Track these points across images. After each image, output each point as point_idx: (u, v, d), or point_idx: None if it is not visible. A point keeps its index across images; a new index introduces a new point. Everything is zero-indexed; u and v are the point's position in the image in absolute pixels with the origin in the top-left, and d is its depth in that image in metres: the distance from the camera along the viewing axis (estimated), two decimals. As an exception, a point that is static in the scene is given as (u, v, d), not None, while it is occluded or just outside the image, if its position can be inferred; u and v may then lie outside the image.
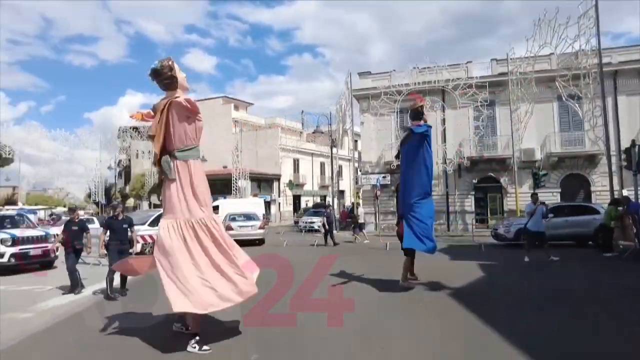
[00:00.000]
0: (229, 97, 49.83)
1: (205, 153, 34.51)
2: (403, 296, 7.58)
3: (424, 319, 6.12)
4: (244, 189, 36.50)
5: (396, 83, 23.78)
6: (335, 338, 5.24)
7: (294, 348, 4.92)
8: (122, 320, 6.12)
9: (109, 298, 7.80)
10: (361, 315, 6.31)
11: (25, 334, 5.78)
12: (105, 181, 41.23)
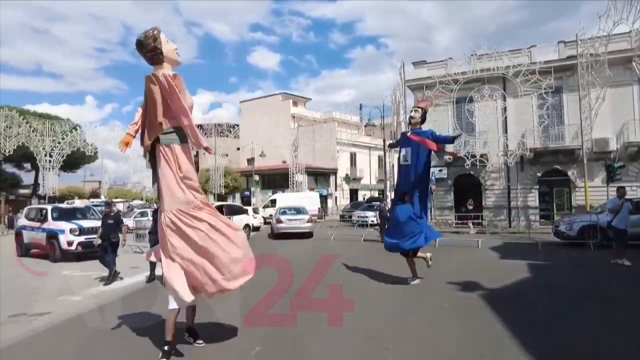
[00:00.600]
0: (287, 94, 50.72)
1: (264, 148, 35.61)
2: (429, 296, 7.31)
3: (442, 321, 5.84)
4: (300, 183, 37.09)
5: (453, 72, 22.71)
6: (341, 338, 5.19)
7: (301, 347, 4.94)
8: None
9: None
10: (375, 315, 6.19)
11: (60, 320, 6.39)
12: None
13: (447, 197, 23.77)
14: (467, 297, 7.01)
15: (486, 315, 5.92)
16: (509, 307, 6.35)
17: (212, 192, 38.23)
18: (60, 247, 12.01)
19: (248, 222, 18.40)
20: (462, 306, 6.50)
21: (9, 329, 5.83)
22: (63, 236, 12.05)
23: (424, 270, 8.76)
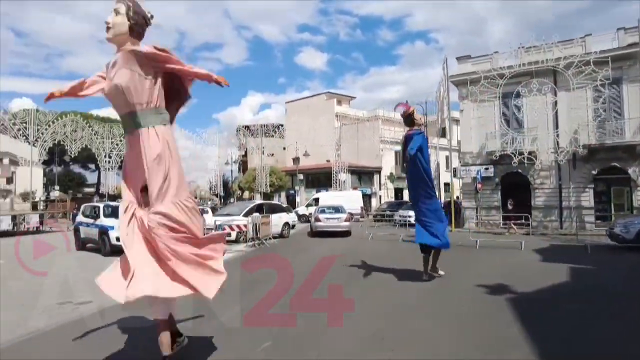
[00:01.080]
0: (332, 93, 50.93)
1: (308, 148, 36.02)
2: (453, 297, 7.15)
3: (459, 323, 5.69)
4: (343, 182, 37.16)
5: (498, 66, 21.81)
6: (348, 337, 5.23)
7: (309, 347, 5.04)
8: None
9: None
10: (390, 315, 6.17)
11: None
12: (223, 175, 45.61)
13: (493, 197, 22.85)
14: (492, 300, 6.78)
15: (506, 317, 5.71)
16: (533, 309, 6.08)
17: (259, 191, 39.27)
18: (109, 242, 12.93)
19: (287, 220, 18.72)
20: (485, 308, 6.31)
21: (56, 315, 6.42)
22: (112, 232, 12.95)
23: (457, 272, 8.57)
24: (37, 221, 23.05)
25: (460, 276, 8.85)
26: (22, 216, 22.31)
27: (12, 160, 35.00)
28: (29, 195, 33.39)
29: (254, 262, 11.65)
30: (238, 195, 49.26)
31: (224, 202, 43.41)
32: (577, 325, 5.37)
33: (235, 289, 7.39)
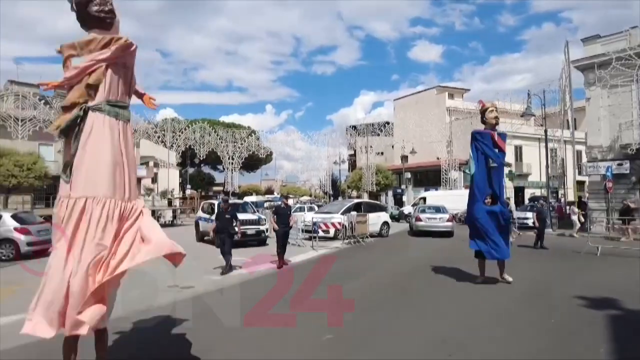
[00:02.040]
0: (442, 87, 48.78)
1: (417, 145, 35.15)
2: (544, 308, 6.52)
3: (538, 337, 5.21)
4: (454, 180, 35.42)
5: (637, 43, 18.68)
6: (410, 339, 5.19)
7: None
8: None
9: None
10: (461, 319, 5.90)
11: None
12: (332, 174, 47.03)
13: (630, 196, 19.61)
14: (587, 315, 6.02)
15: (592, 338, 5.05)
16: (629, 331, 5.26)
17: (365, 190, 39.62)
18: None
19: (386, 219, 18.68)
20: (574, 323, 5.65)
21: (164, 296, 7.54)
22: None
23: (558, 280, 7.76)
24: (171, 216, 26.66)
25: (560, 286, 7.98)
26: (159, 211, 26.06)
27: (155, 163, 40.90)
28: (167, 193, 38.77)
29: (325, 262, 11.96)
30: (348, 193, 50.36)
31: (332, 201, 44.77)
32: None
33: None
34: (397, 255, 12.87)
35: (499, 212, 8.18)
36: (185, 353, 4.71)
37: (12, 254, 11.84)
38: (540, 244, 14.17)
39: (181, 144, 37.53)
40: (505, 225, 8.27)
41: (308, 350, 4.76)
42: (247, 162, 46.24)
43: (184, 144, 37.67)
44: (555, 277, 9.05)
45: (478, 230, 8.28)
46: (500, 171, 8.47)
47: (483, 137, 8.42)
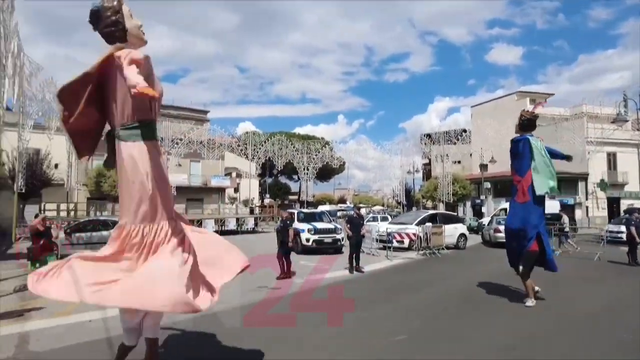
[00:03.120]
0: (523, 92, 46.34)
1: (496, 153, 33.91)
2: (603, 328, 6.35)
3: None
4: (537, 190, 33.42)
5: None
6: (481, 345, 5.45)
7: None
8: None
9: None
10: (532, 332, 5.99)
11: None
12: (405, 184, 46.65)
13: None
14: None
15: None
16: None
17: (441, 200, 38.80)
18: (301, 242, 15.39)
19: (463, 231, 18.41)
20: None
21: (253, 295, 8.43)
22: (303, 234, 15.40)
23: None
24: (252, 223, 28.48)
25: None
26: (242, 219, 28.00)
27: (238, 174, 43.75)
28: (248, 201, 41.21)
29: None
30: (423, 204, 49.48)
31: (406, 211, 44.35)
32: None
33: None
34: (472, 267, 12.79)
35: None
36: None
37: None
38: (634, 259, 13.17)
39: (261, 156, 39.85)
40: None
41: (380, 349, 5.24)
42: (321, 172, 47.64)
43: (264, 156, 39.95)
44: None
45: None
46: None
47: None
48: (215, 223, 25.47)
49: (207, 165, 38.12)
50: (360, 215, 12.48)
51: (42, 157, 24.83)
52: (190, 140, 34.90)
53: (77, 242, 13.87)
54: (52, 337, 5.68)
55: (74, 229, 14.45)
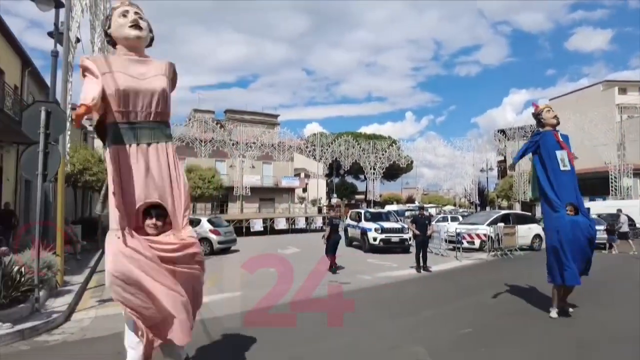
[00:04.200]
0: (610, 81, 42.55)
1: (577, 149, 31.76)
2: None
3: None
4: (628, 189, 30.69)
5: None
6: (546, 344, 5.53)
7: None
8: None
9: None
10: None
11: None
12: (479, 183, 45.00)
13: None
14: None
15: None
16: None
17: (517, 200, 37.00)
18: (368, 241, 15.80)
19: (538, 232, 17.60)
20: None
21: (325, 289, 9.03)
22: (370, 233, 15.80)
23: None
24: (321, 222, 29.26)
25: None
26: (311, 218, 28.95)
27: (306, 174, 45.06)
28: (316, 201, 42.30)
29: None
30: (498, 203, 47.35)
31: (480, 211, 42.79)
32: None
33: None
34: (544, 268, 12.34)
35: (584, 223, 6.61)
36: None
37: (208, 250, 15.07)
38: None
39: (328, 157, 40.74)
40: (589, 240, 6.61)
41: (446, 341, 5.54)
42: (388, 171, 47.41)
43: (331, 157, 40.79)
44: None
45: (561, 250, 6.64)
46: (573, 177, 6.93)
47: (546, 137, 7.11)
48: (287, 221, 26.65)
49: (277, 167, 39.80)
50: (424, 215, 12.61)
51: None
52: (262, 144, 36.66)
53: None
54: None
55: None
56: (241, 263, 13.47)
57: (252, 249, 17.09)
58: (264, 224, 25.44)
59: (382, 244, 15.50)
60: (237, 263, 13.25)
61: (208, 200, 32.61)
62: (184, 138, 33.43)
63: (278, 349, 5.09)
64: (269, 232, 25.17)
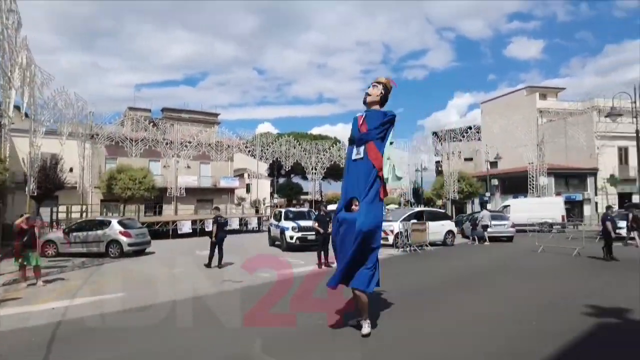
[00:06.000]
0: (533, 87, 45.64)
1: (503, 150, 33.71)
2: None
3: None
4: (544, 187, 33.05)
5: None
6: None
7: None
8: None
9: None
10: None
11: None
12: (414, 182, 46.63)
13: None
14: (578, 321, 6.10)
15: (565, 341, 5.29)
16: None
17: (447, 198, 38.70)
18: (285, 240, 15.97)
19: (451, 228, 18.62)
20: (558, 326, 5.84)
21: (213, 288, 9.04)
22: (287, 232, 15.98)
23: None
24: (256, 223, 29.13)
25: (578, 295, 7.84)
26: (244, 219, 28.73)
27: (250, 175, 44.70)
28: (258, 202, 42.06)
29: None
30: (434, 201, 49.22)
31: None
32: None
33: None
34: (449, 262, 13.11)
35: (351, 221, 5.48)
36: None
37: (118, 253, 14.63)
38: (609, 254, 13.10)
39: (269, 157, 40.68)
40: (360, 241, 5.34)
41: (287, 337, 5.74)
42: (331, 171, 48.01)
43: (272, 157, 40.75)
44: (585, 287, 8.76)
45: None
46: (365, 167, 5.65)
47: (353, 121, 6.10)
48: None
49: (216, 167, 39.16)
50: (327, 212, 12.87)
51: (54, 161, 26.21)
52: (199, 143, 35.95)
53: (74, 241, 14.87)
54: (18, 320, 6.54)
55: (71, 228, 15.46)
56: (149, 265, 13.26)
57: (169, 251, 16.78)
58: (194, 226, 24.94)
59: (298, 242, 15.71)
60: (139, 265, 13.04)
61: (141, 201, 31.56)
62: (114, 137, 32.15)
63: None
64: (199, 234, 24.74)
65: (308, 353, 4.96)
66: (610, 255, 13.03)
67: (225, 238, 12.12)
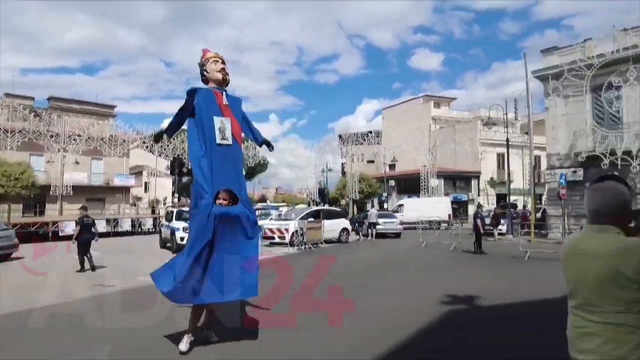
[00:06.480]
0: (428, 95, 49.62)
1: (403, 154, 35.59)
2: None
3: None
4: (434, 188, 36.01)
5: (592, 54, 19.30)
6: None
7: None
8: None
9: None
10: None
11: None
12: (320, 182, 47.82)
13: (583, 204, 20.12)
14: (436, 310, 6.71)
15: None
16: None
17: (349, 197, 40.31)
18: (176, 241, 15.26)
19: (345, 226, 19.39)
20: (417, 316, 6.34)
21: (86, 294, 8.30)
22: (178, 233, 15.27)
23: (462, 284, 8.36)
24: (151, 224, 27.21)
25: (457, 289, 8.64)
26: (138, 220, 26.85)
27: (150, 172, 41.97)
28: (154, 201, 39.70)
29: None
30: (339, 201, 50.88)
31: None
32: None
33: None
34: (343, 257, 13.59)
35: (244, 216, 4.93)
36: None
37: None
38: (479, 248, 14.74)
39: (169, 154, 38.58)
40: (252, 238, 5.05)
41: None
42: (239, 170, 47.13)
43: (172, 153, 38.71)
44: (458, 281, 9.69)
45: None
46: (236, 154, 5.27)
47: (207, 96, 5.20)
48: (108, 224, 24.13)
49: (110, 164, 36.16)
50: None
51: None
52: (90, 137, 32.86)
53: None
54: None
55: None
56: (12, 271, 11.78)
57: (42, 255, 15.04)
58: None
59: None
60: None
61: (18, 200, 27.95)
62: (-20, 126, 28.00)
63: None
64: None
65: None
66: (479, 249, 14.62)
67: (93, 240, 11.21)
